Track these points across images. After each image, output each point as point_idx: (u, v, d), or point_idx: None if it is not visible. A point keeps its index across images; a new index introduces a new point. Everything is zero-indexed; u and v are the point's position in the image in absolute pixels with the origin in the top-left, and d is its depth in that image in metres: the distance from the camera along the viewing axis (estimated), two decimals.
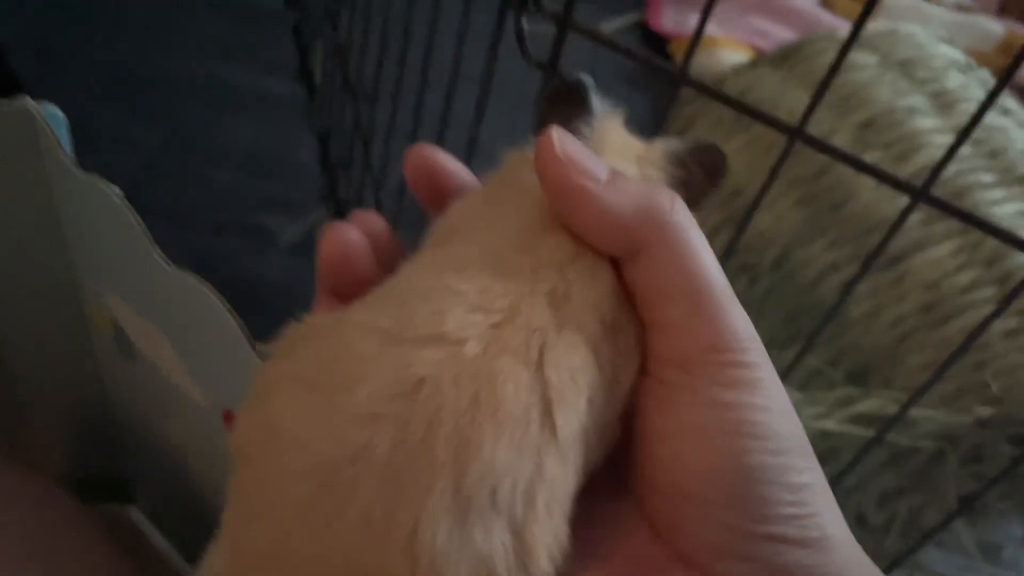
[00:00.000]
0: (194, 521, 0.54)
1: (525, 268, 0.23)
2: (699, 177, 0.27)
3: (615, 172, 0.24)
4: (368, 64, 0.70)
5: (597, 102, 0.27)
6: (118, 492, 0.59)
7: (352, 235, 0.26)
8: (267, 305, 0.80)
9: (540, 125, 0.26)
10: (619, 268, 0.24)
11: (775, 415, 0.22)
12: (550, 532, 0.20)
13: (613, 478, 0.24)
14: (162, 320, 0.37)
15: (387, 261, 0.27)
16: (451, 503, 0.19)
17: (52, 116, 0.36)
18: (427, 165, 0.28)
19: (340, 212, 0.87)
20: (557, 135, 0.24)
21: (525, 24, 0.37)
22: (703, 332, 0.23)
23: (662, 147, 0.28)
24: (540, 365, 0.21)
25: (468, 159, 0.47)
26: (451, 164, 0.28)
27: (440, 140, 0.56)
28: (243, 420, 0.21)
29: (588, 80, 0.27)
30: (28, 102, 0.35)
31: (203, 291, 0.32)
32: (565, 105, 0.27)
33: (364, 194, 0.79)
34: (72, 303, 0.44)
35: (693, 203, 0.27)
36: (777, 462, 0.22)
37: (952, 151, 0.34)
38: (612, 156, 0.26)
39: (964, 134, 0.33)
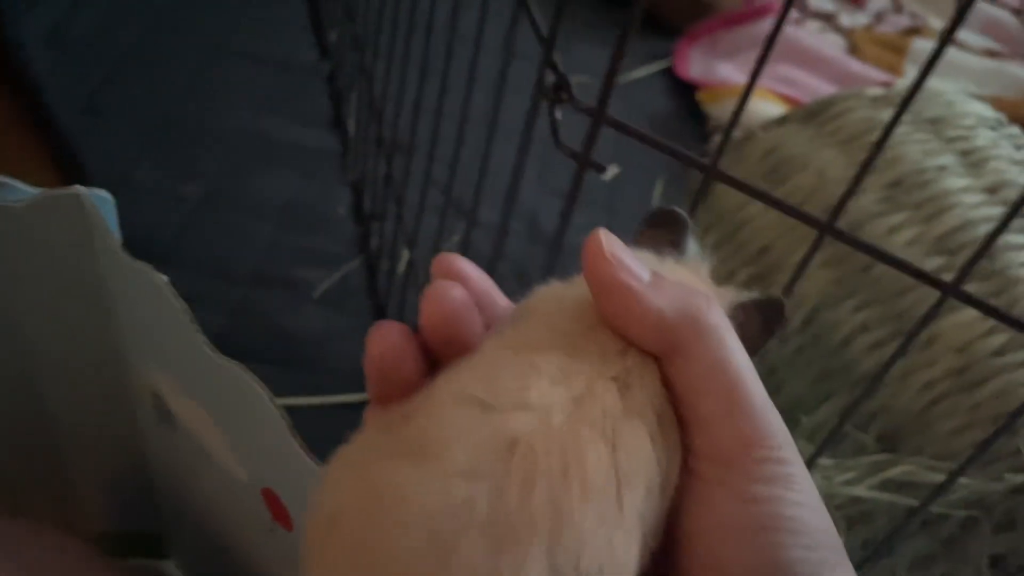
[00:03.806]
0: None
1: (594, 352, 0.24)
2: (756, 324, 0.29)
3: (657, 274, 0.25)
4: (403, 118, 0.71)
5: (692, 244, 0.28)
6: (152, 547, 0.60)
7: (403, 343, 0.26)
8: (301, 356, 0.81)
9: (637, 236, 0.28)
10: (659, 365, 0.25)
11: (809, 510, 0.23)
12: None
13: None
14: (207, 400, 0.38)
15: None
16: (544, 565, 0.20)
17: (102, 200, 0.38)
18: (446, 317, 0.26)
19: (371, 264, 0.88)
20: (604, 236, 0.25)
21: (558, 115, 0.38)
22: (738, 428, 0.23)
23: (730, 296, 0.29)
24: (614, 446, 0.22)
25: (506, 218, 0.49)
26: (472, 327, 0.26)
27: (477, 192, 0.57)
28: (337, 488, 0.22)
29: (686, 217, 0.28)
30: (79, 189, 0.37)
31: (247, 380, 0.33)
32: (662, 229, 0.29)
33: (397, 248, 0.80)
34: (116, 374, 0.45)
35: (748, 351, 0.27)
36: (814, 557, 0.22)
37: (992, 238, 0.35)
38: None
39: (1008, 218, 0.33)
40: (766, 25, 1.28)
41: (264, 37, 1.12)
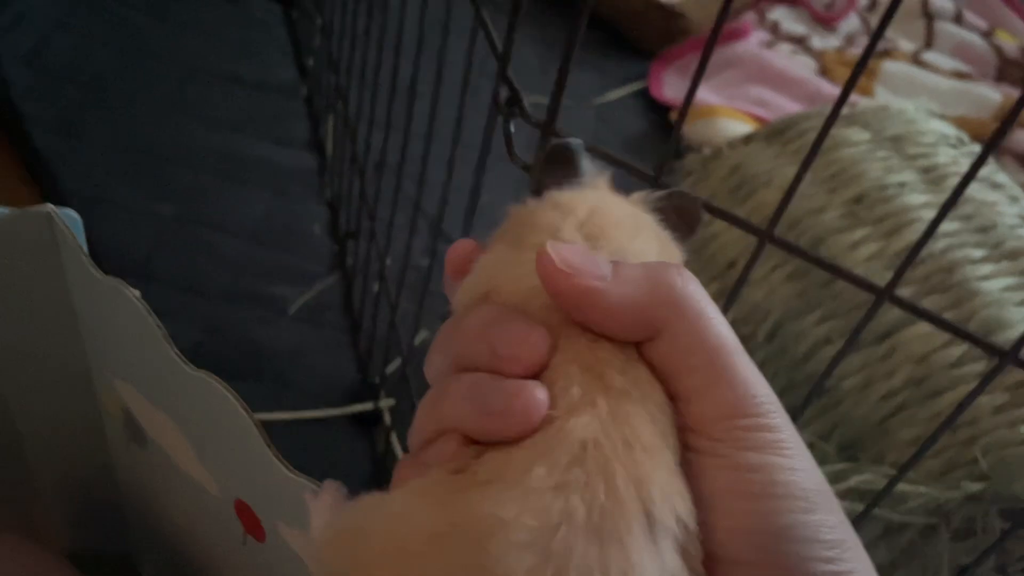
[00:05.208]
0: None
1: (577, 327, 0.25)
2: (675, 222, 0.30)
3: (616, 263, 0.25)
4: (375, 137, 0.73)
5: (586, 164, 0.29)
6: (123, 566, 0.61)
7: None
8: (275, 371, 0.82)
9: (536, 185, 0.29)
10: (639, 348, 0.25)
11: (802, 473, 0.23)
12: (698, 549, 0.23)
13: None
14: (177, 413, 0.39)
15: None
16: (646, 529, 0.21)
17: (71, 219, 0.39)
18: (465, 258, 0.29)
19: (347, 282, 0.89)
20: (552, 249, 0.25)
21: (512, 128, 0.40)
22: (724, 399, 0.24)
23: (640, 198, 0.30)
24: (641, 401, 0.24)
25: (467, 225, 0.50)
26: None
27: (443, 208, 0.58)
28: (409, 518, 0.22)
29: (578, 144, 0.29)
30: (50, 207, 0.38)
31: (222, 392, 0.34)
32: (558, 166, 0.29)
33: (369, 264, 0.81)
34: (84, 391, 0.46)
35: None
36: (811, 519, 0.23)
37: (926, 236, 0.36)
38: (599, 195, 0.29)
39: (944, 210, 0.34)
40: (738, 48, 1.31)
41: (243, 59, 1.13)
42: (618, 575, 0.21)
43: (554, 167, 0.29)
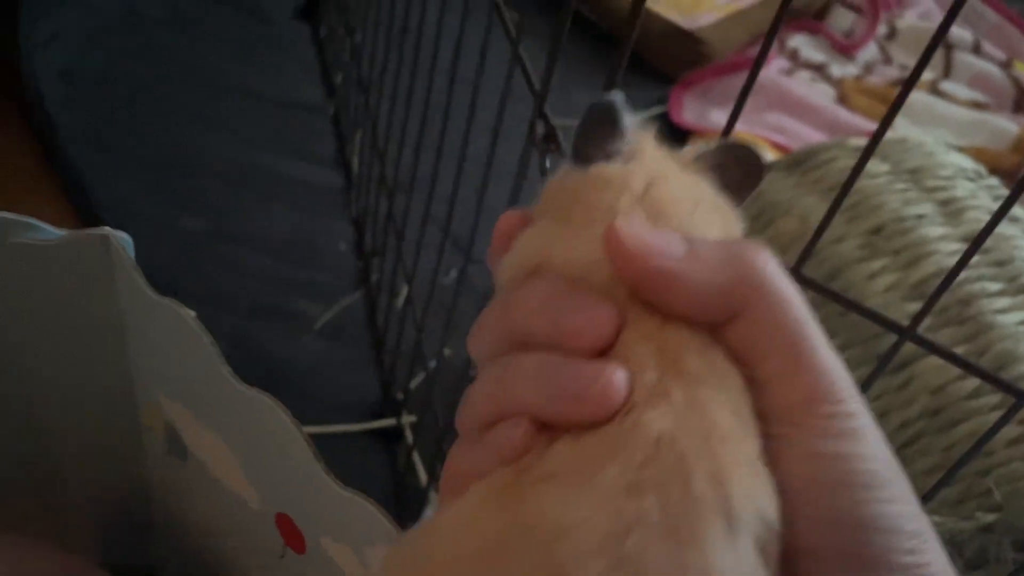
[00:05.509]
0: None
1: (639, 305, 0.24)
2: (737, 177, 0.28)
3: (690, 240, 0.24)
4: (405, 158, 0.74)
5: (628, 120, 0.27)
6: None
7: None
8: (298, 385, 0.83)
9: (576, 148, 0.27)
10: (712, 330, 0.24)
11: (881, 462, 0.23)
12: (777, 545, 0.22)
13: None
14: (224, 428, 0.40)
15: None
16: (725, 529, 0.20)
17: (124, 241, 0.41)
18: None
19: (372, 298, 0.91)
20: (623, 225, 0.24)
21: (549, 163, 0.41)
22: (803, 385, 0.23)
23: (694, 152, 0.29)
24: (718, 388, 0.23)
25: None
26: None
27: (473, 231, 0.60)
28: (474, 530, 0.21)
29: (620, 98, 0.27)
30: (106, 230, 0.40)
31: (275, 409, 0.35)
32: (600, 126, 0.27)
33: (396, 283, 0.83)
34: (126, 407, 0.47)
35: (735, 202, 0.28)
36: (892, 510, 0.22)
37: (948, 280, 0.37)
38: (651, 165, 0.27)
39: (967, 255, 0.35)
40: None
41: (270, 77, 1.16)
42: (697, 571, 0.20)
43: (596, 128, 0.27)
